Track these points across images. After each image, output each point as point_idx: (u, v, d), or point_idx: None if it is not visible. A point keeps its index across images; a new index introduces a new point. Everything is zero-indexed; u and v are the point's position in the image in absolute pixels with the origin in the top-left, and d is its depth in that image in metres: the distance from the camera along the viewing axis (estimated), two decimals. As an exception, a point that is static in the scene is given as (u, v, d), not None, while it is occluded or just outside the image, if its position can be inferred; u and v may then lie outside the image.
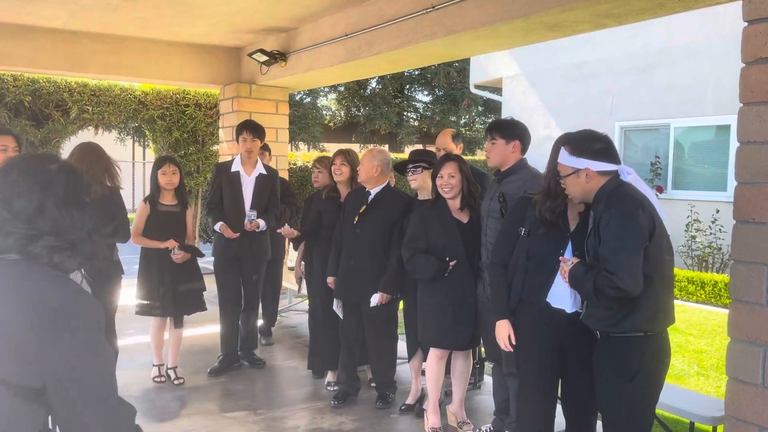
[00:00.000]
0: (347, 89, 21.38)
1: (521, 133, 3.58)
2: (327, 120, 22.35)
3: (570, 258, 2.75)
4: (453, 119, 22.09)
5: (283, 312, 7.08)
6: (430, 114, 22.51)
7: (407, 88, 22.60)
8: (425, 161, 4.14)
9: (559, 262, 2.77)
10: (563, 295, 2.85)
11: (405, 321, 4.33)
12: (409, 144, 22.29)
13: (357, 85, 21.12)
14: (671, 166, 10.16)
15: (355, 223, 4.26)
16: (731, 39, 7.26)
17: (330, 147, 20.26)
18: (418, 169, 4.13)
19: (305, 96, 21.10)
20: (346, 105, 22.40)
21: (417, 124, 22.97)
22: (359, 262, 4.25)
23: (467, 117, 23.00)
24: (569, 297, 2.84)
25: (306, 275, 5.03)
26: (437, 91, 22.40)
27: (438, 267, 3.70)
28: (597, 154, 2.65)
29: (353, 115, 22.36)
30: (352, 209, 4.34)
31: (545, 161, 2.95)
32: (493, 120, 3.88)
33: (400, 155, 14.55)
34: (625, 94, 10.55)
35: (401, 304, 4.40)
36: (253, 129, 5.04)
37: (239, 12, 5.75)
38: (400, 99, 22.09)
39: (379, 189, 4.29)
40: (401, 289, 4.22)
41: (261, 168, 5.12)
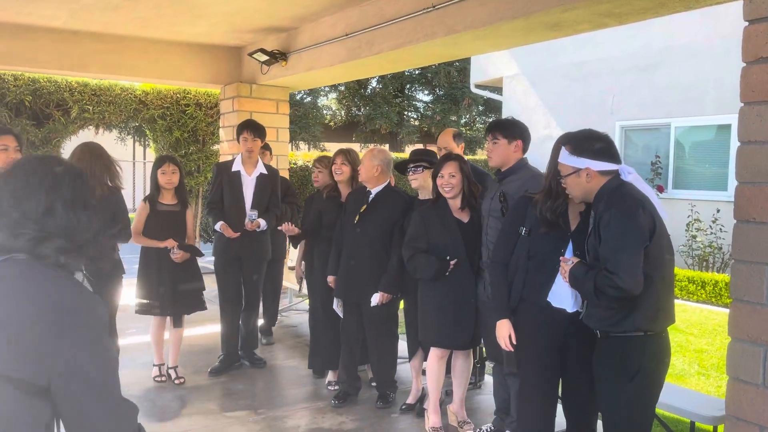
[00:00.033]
0: (348, 89, 21.37)
1: (523, 133, 3.60)
2: (327, 119, 22.35)
3: (570, 258, 2.75)
4: (453, 119, 22.08)
5: (284, 311, 7.08)
6: (430, 113, 22.51)
7: (408, 87, 22.59)
8: (426, 161, 4.14)
9: (560, 261, 2.77)
10: (564, 295, 2.85)
11: (406, 320, 4.33)
12: (410, 143, 22.29)
13: (357, 85, 21.12)
14: (672, 165, 10.16)
15: (356, 223, 4.27)
16: (732, 38, 7.25)
17: (330, 146, 20.25)
18: (418, 169, 4.13)
19: (306, 95, 21.10)
20: (346, 104, 22.40)
21: (417, 123, 22.96)
22: (360, 261, 4.25)
23: (468, 116, 23.00)
24: (570, 297, 2.84)
25: (306, 275, 5.03)
26: (438, 91, 22.40)
27: (439, 266, 3.70)
28: (597, 153, 2.65)
29: (354, 115, 22.36)
30: (353, 209, 4.34)
31: (546, 161, 2.95)
32: (494, 120, 3.88)
33: (400, 155, 14.54)
34: (626, 93, 10.55)
35: (402, 303, 4.40)
36: (254, 129, 5.04)
37: (239, 12, 5.75)
38: (400, 98, 22.08)
39: (380, 188, 4.29)
40: (402, 289, 4.22)
41: (262, 168, 5.12)
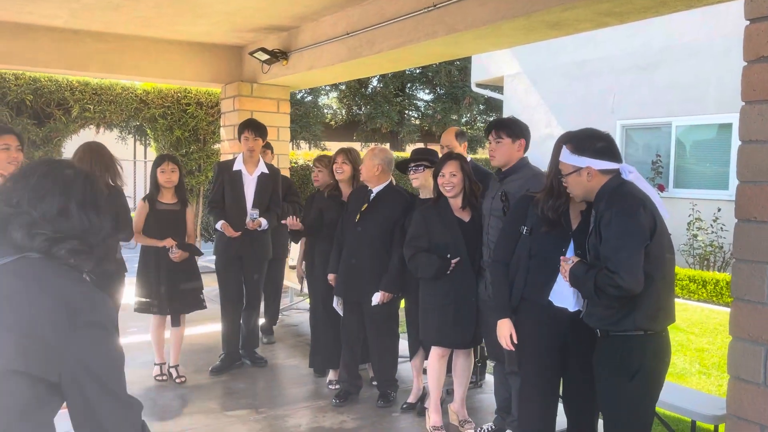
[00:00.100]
0: (348, 88, 21.37)
1: (525, 132, 3.60)
2: (328, 119, 22.35)
3: (570, 257, 2.75)
4: (454, 118, 22.08)
5: (285, 310, 7.08)
6: (431, 112, 22.50)
7: (408, 86, 22.59)
8: (427, 160, 4.14)
9: (560, 261, 2.77)
10: (565, 294, 2.85)
11: (407, 319, 4.33)
12: (411, 142, 22.28)
13: (358, 84, 21.12)
14: (673, 164, 10.15)
15: (357, 222, 4.27)
16: (733, 37, 7.24)
17: (331, 146, 20.25)
18: (419, 168, 4.13)
19: (306, 94, 21.10)
20: (347, 103, 22.39)
21: (418, 122, 22.96)
22: (360, 260, 4.25)
23: (468, 115, 23.00)
24: (571, 296, 2.84)
25: (307, 274, 5.04)
26: (438, 90, 22.39)
27: (440, 265, 3.70)
28: (598, 152, 2.65)
29: (354, 114, 22.36)
30: (354, 208, 4.35)
31: (547, 160, 2.95)
32: (496, 119, 3.87)
33: (401, 154, 14.54)
34: (627, 92, 10.54)
35: (402, 302, 4.40)
36: (255, 128, 5.04)
37: (240, 11, 5.75)
38: (401, 97, 22.08)
39: (381, 188, 4.29)
40: (403, 288, 4.22)
41: (263, 167, 5.13)
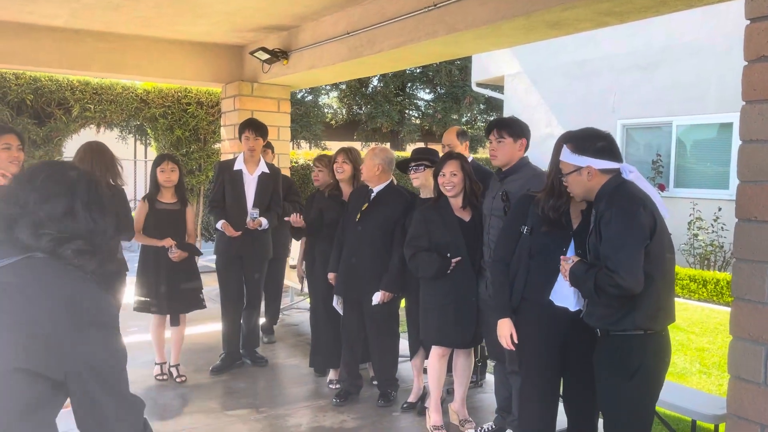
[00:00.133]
0: (349, 87, 21.37)
1: (526, 131, 3.61)
2: (329, 118, 22.34)
3: (570, 256, 2.75)
4: (455, 117, 22.07)
5: (285, 310, 7.08)
6: (431, 112, 22.49)
7: (409, 86, 22.58)
8: (427, 159, 4.14)
9: (560, 260, 2.77)
10: (566, 294, 2.85)
11: (407, 319, 4.33)
12: (411, 142, 22.27)
13: (358, 83, 21.11)
14: (673, 164, 10.15)
15: (357, 221, 4.27)
16: (734, 37, 7.23)
17: (332, 145, 20.24)
18: (420, 168, 4.13)
19: (307, 94, 21.10)
20: (347, 103, 22.39)
21: (419, 122, 22.95)
22: (360, 260, 4.26)
23: (469, 115, 22.99)
24: (572, 295, 2.83)
25: (307, 273, 5.04)
26: (439, 89, 22.38)
27: (440, 264, 3.70)
28: (599, 152, 2.65)
29: (355, 114, 22.35)
30: (355, 207, 4.35)
31: (547, 159, 2.95)
32: (496, 118, 3.87)
33: (401, 153, 14.54)
34: (627, 92, 10.53)
35: (403, 302, 4.40)
36: (256, 128, 5.05)
37: (240, 10, 5.75)
38: (401, 97, 22.07)
39: (382, 187, 4.29)
40: (403, 288, 4.22)
41: (263, 166, 5.13)
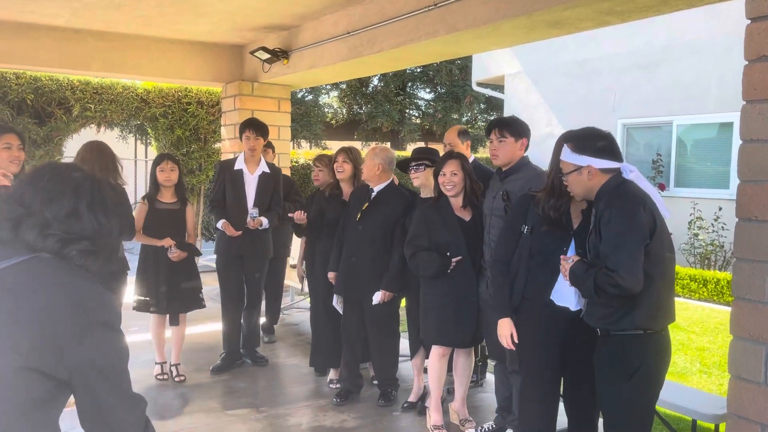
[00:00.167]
0: (349, 87, 21.37)
1: (527, 131, 3.61)
2: (329, 118, 22.34)
3: (570, 256, 2.75)
4: (455, 117, 22.08)
5: (286, 310, 7.08)
6: (432, 111, 22.49)
7: (409, 85, 22.58)
8: (428, 159, 4.14)
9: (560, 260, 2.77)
10: (566, 293, 2.85)
11: (407, 319, 4.33)
12: (411, 141, 22.27)
13: (359, 83, 21.11)
14: (674, 163, 10.15)
15: (358, 220, 4.27)
16: (735, 36, 7.24)
17: (332, 145, 20.24)
18: (420, 167, 4.13)
19: (307, 93, 21.10)
20: (348, 103, 22.39)
21: (419, 121, 22.95)
22: (361, 259, 4.26)
23: (469, 114, 22.99)
24: (573, 295, 2.83)
25: (308, 273, 5.04)
26: (439, 89, 22.38)
27: (441, 263, 3.70)
28: (599, 151, 2.65)
29: (355, 113, 22.35)
30: (355, 207, 4.35)
31: (547, 159, 2.95)
32: (497, 118, 3.87)
33: (402, 153, 14.53)
34: (628, 91, 10.53)
35: (403, 301, 4.40)
36: (257, 127, 5.05)
37: (241, 10, 5.75)
38: (402, 96, 22.06)
39: (382, 187, 4.29)
40: (404, 287, 4.22)
41: (264, 166, 5.13)
